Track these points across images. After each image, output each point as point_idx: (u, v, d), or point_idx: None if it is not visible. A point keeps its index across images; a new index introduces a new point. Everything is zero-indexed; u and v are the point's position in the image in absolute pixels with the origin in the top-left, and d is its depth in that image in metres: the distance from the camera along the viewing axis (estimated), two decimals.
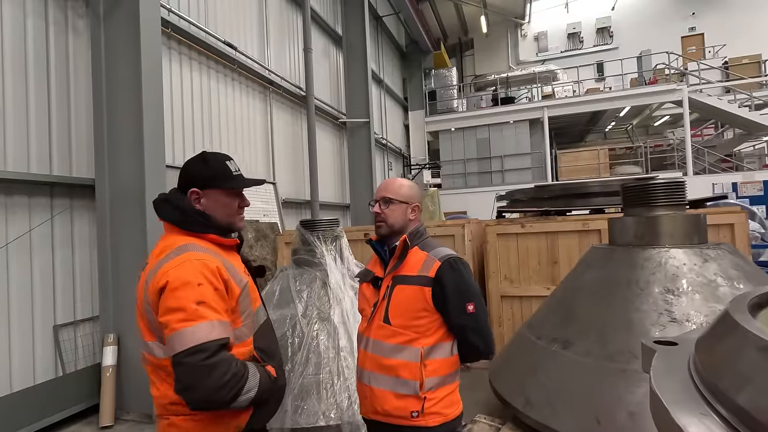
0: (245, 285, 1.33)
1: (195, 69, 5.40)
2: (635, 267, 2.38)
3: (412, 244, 1.57)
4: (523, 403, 2.38)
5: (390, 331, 1.51)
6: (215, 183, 1.34)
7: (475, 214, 10.90)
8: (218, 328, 1.17)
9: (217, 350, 1.15)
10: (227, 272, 1.27)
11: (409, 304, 1.50)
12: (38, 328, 3.50)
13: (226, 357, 1.17)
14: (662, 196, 2.48)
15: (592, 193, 4.42)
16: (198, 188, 1.34)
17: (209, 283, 1.21)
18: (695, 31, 16.95)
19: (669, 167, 13.53)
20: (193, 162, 1.38)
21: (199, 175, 1.35)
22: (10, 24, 3.42)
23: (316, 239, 3.01)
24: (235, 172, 1.39)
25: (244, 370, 1.20)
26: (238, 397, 1.17)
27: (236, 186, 1.38)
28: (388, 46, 13.82)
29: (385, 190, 1.61)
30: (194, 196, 1.34)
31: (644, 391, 2.02)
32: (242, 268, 1.40)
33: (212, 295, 1.20)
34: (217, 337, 1.16)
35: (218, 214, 1.35)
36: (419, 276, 1.50)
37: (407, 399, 1.46)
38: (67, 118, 3.81)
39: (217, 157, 1.40)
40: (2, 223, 3.30)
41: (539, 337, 2.65)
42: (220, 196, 1.35)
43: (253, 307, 1.36)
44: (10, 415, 3.14)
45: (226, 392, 1.13)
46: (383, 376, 1.50)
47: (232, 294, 1.26)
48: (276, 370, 1.35)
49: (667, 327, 2.08)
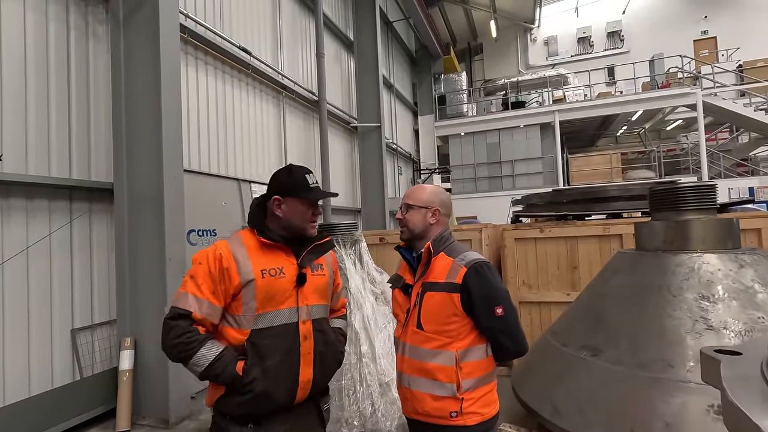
0: (250, 281, 1.42)
1: (211, 74, 5.43)
2: (666, 272, 2.31)
3: (437, 250, 1.61)
4: (551, 411, 2.32)
5: (424, 336, 1.56)
6: (294, 192, 1.51)
7: (485, 218, 10.82)
8: (189, 301, 1.39)
9: (176, 316, 1.39)
10: (233, 262, 1.43)
11: (440, 310, 1.53)
12: (56, 331, 3.51)
13: (182, 325, 1.38)
14: (692, 199, 2.42)
15: (612, 197, 4.36)
16: (280, 196, 1.52)
17: (207, 264, 1.43)
18: (708, 34, 16.78)
19: (683, 172, 13.35)
20: (280, 172, 1.58)
21: (282, 185, 1.53)
22: (33, 30, 3.46)
23: (335, 243, 2.99)
24: (312, 185, 1.54)
25: (196, 345, 1.37)
26: (187, 363, 1.38)
27: (312, 197, 1.53)
28: (398, 51, 13.85)
29: (406, 197, 1.71)
30: (276, 203, 1.52)
31: (680, 401, 1.95)
32: (278, 267, 1.48)
33: (203, 274, 1.42)
34: (182, 306, 1.39)
35: (294, 219, 1.52)
36: (447, 283, 1.54)
37: (445, 400, 1.50)
38: (86, 123, 3.84)
39: (300, 170, 1.57)
40: (23, 226, 3.32)
41: (565, 344, 2.59)
42: (297, 204, 1.52)
43: (259, 304, 1.43)
44: (28, 419, 3.14)
45: (173, 353, 1.38)
46: (421, 379, 1.55)
47: (230, 281, 1.42)
48: (256, 372, 1.39)
49: (704, 335, 2.01)
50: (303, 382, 1.47)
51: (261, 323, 1.43)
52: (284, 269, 1.48)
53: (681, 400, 1.93)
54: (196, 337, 1.38)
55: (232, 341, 1.43)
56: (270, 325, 1.44)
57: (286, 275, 1.48)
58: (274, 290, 1.45)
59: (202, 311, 1.40)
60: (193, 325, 1.39)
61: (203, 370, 1.37)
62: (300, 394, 1.47)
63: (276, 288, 1.45)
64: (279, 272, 1.47)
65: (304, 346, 1.48)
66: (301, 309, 1.49)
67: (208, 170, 5.20)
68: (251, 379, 1.38)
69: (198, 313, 1.39)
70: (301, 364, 1.46)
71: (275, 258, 1.50)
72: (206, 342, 1.39)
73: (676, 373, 2.00)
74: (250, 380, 1.38)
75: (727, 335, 1.96)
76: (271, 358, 1.41)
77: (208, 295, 1.41)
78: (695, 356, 1.99)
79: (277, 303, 1.45)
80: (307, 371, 1.47)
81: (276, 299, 1.45)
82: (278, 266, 1.48)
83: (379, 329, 2.68)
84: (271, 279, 1.45)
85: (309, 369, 1.48)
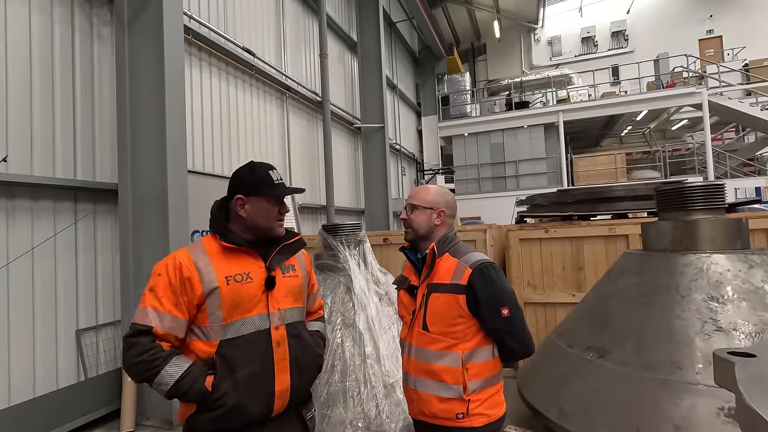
0: (214, 289, 1.35)
1: (214, 75, 5.44)
2: (674, 273, 2.29)
3: (442, 251, 1.60)
4: (557, 413, 2.30)
5: (429, 338, 1.55)
6: (258, 190, 1.44)
7: (489, 219, 10.78)
8: (149, 315, 1.31)
9: (136, 333, 1.30)
10: (195, 270, 1.35)
11: (445, 311, 1.52)
12: (61, 332, 3.52)
13: (142, 342, 1.29)
14: (700, 199, 2.39)
15: (617, 197, 4.33)
16: (243, 195, 1.44)
17: (166, 275, 1.34)
18: (713, 33, 16.67)
19: (688, 172, 13.26)
20: (241, 170, 1.49)
21: (244, 183, 1.46)
22: (38, 32, 3.48)
23: (339, 244, 2.97)
24: (276, 181, 1.47)
25: (160, 362, 1.28)
26: (151, 383, 1.29)
27: (277, 194, 1.46)
28: (402, 51, 13.85)
29: (411, 197, 1.69)
30: (239, 202, 1.45)
31: (689, 403, 1.92)
32: (244, 272, 1.41)
33: (163, 286, 1.33)
34: (141, 322, 1.31)
35: (260, 219, 1.45)
36: (452, 284, 1.53)
37: (452, 402, 1.49)
38: (91, 124, 3.85)
39: (262, 166, 1.49)
40: (28, 227, 3.33)
41: (571, 345, 2.56)
42: (262, 202, 1.44)
43: (225, 313, 1.35)
44: (33, 420, 3.15)
45: (135, 372, 1.30)
46: (427, 380, 1.54)
47: (192, 291, 1.34)
48: (226, 386, 1.31)
49: (713, 336, 1.98)
50: (280, 391, 1.39)
51: (229, 333, 1.36)
52: (251, 274, 1.41)
53: (690, 402, 1.91)
54: (160, 354, 1.29)
55: (200, 355, 1.36)
56: (238, 334, 1.37)
57: (253, 280, 1.40)
58: (241, 297, 1.37)
59: (164, 326, 1.31)
60: (155, 341, 1.30)
61: (169, 389, 1.28)
62: (278, 404, 1.40)
63: (243, 294, 1.38)
64: (245, 277, 1.40)
65: (278, 353, 1.40)
66: (273, 314, 1.42)
67: (212, 171, 5.21)
68: (222, 393, 1.31)
69: (160, 328, 1.31)
70: (277, 372, 1.39)
71: (241, 263, 1.42)
72: (171, 358, 1.31)
73: (684, 374, 1.97)
74: (221, 395, 1.31)
75: (737, 337, 1.93)
76: (242, 370, 1.34)
77: (170, 308, 1.32)
78: (704, 358, 1.96)
79: (245, 310, 1.38)
80: (283, 379, 1.40)
81: (243, 306, 1.38)
82: (244, 271, 1.40)
83: (383, 330, 2.66)
84: (237, 285, 1.37)
85: (285, 376, 1.40)
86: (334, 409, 2.35)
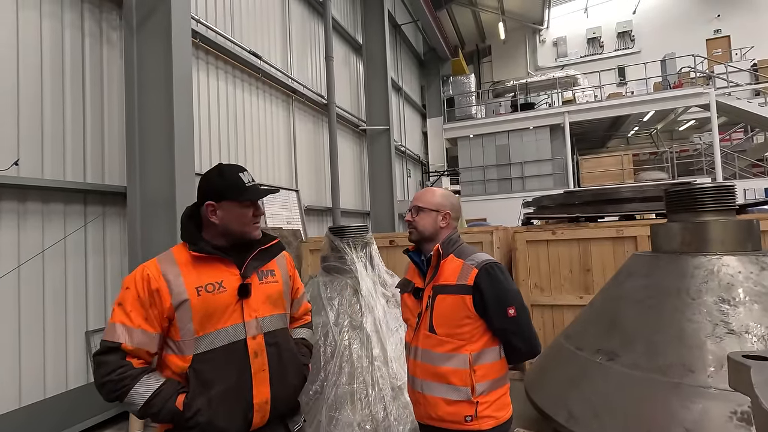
0: (184, 301, 1.29)
1: (221, 78, 5.48)
2: (684, 275, 2.26)
3: (447, 252, 1.60)
4: (566, 417, 2.28)
5: (436, 340, 1.54)
6: (228, 195, 1.37)
7: (495, 221, 10.74)
8: (117, 331, 1.26)
9: (105, 350, 1.26)
10: (163, 282, 1.29)
11: (452, 312, 1.52)
12: (71, 333, 3.55)
13: (110, 361, 1.24)
14: (710, 200, 2.37)
15: (625, 198, 4.29)
16: (213, 201, 1.38)
17: (135, 288, 1.30)
18: (721, 33, 16.54)
19: (696, 173, 13.14)
20: (210, 174, 1.43)
21: (214, 188, 1.39)
22: (49, 37, 3.53)
23: (346, 246, 2.98)
24: (248, 183, 1.40)
25: (129, 381, 1.23)
26: (122, 401, 1.25)
27: (248, 198, 1.40)
28: (407, 53, 13.87)
29: (417, 200, 1.69)
30: (210, 208, 1.38)
31: (701, 407, 1.90)
32: (216, 281, 1.34)
33: (131, 300, 1.29)
34: (110, 338, 1.26)
35: (233, 224, 1.39)
36: (458, 285, 1.52)
37: (459, 404, 1.48)
38: (100, 127, 3.89)
39: (231, 169, 1.42)
40: (39, 230, 3.37)
41: (580, 347, 2.54)
42: (234, 207, 1.38)
43: (197, 326, 1.30)
44: (42, 421, 3.17)
45: (104, 392, 1.25)
46: (435, 383, 1.53)
47: (162, 303, 1.29)
48: (199, 403, 1.26)
49: (725, 339, 1.96)
50: (258, 403, 1.32)
51: (202, 346, 1.29)
52: (224, 282, 1.34)
53: (702, 406, 1.88)
54: (129, 373, 1.24)
55: (175, 370, 1.30)
56: (212, 347, 1.30)
57: (227, 289, 1.34)
58: (213, 308, 1.31)
59: (133, 341, 1.25)
60: (126, 358, 1.25)
61: (140, 409, 1.23)
62: (257, 417, 1.33)
63: (215, 305, 1.31)
64: (218, 287, 1.33)
65: (255, 364, 1.33)
66: (249, 323, 1.35)
67: None
68: (194, 412, 1.25)
69: (129, 344, 1.25)
70: (255, 384, 1.32)
71: (212, 272, 1.35)
72: (141, 377, 1.25)
73: (696, 378, 1.95)
74: (193, 413, 1.25)
75: (749, 339, 1.91)
76: (217, 385, 1.28)
77: (140, 322, 1.26)
78: (716, 361, 1.94)
79: (218, 321, 1.32)
80: (262, 391, 1.33)
81: (216, 317, 1.32)
82: (216, 280, 1.34)
83: (390, 332, 2.66)
84: (208, 296, 1.31)
85: (265, 388, 1.34)
86: (342, 411, 2.35)
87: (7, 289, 3.14)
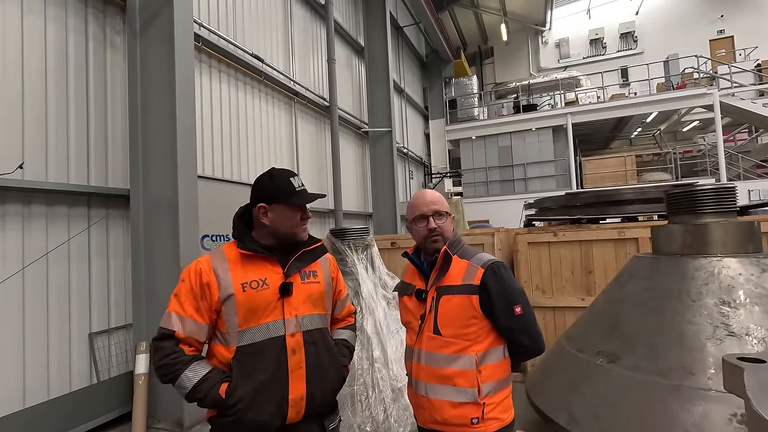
0: (230, 295, 1.37)
1: (224, 81, 5.51)
2: (685, 277, 2.26)
3: (453, 253, 1.59)
4: (567, 419, 2.28)
5: (442, 341, 1.52)
6: (279, 198, 1.46)
7: (497, 222, 10.73)
8: (172, 320, 1.36)
9: (161, 337, 1.37)
10: (213, 277, 1.39)
11: (458, 313, 1.51)
12: (74, 335, 3.57)
13: (166, 346, 1.35)
14: (711, 202, 2.37)
15: (627, 200, 4.29)
16: (265, 203, 1.46)
17: (189, 280, 1.40)
18: (724, 33, 16.49)
19: (700, 174, 13.09)
20: (262, 178, 1.51)
21: (265, 191, 1.48)
22: (53, 42, 3.56)
23: (347, 248, 2.99)
24: (297, 188, 1.48)
25: (181, 366, 1.33)
26: (174, 385, 1.34)
27: (298, 201, 1.47)
28: (409, 55, 13.89)
29: (435, 204, 1.62)
30: (261, 210, 1.47)
31: (701, 410, 1.90)
32: (261, 278, 1.42)
33: (185, 292, 1.39)
34: (166, 326, 1.37)
35: (282, 226, 1.47)
36: (465, 285, 1.51)
37: (465, 406, 1.47)
38: (104, 130, 3.92)
39: (282, 173, 1.51)
40: (43, 232, 3.40)
41: (581, 350, 2.54)
42: (284, 210, 1.46)
43: (241, 320, 1.38)
44: (47, 422, 3.19)
45: (160, 374, 1.35)
46: (440, 386, 1.51)
47: (211, 296, 1.38)
48: (240, 393, 1.33)
49: (725, 341, 1.96)
50: (294, 399, 1.37)
51: (245, 339, 1.38)
52: (268, 280, 1.42)
53: (702, 408, 1.88)
54: (181, 358, 1.34)
55: (221, 359, 1.39)
56: (253, 341, 1.38)
57: (270, 286, 1.41)
58: (256, 303, 1.38)
59: (185, 330, 1.36)
60: (179, 345, 1.35)
61: (188, 393, 1.32)
62: (292, 413, 1.37)
63: (258, 301, 1.39)
64: (262, 284, 1.40)
65: (292, 361, 1.39)
66: (288, 321, 1.41)
67: (222, 176, 5.27)
68: (235, 400, 1.32)
69: (182, 332, 1.35)
70: (291, 380, 1.38)
71: (258, 269, 1.43)
72: (191, 363, 1.34)
73: (696, 380, 1.94)
74: (235, 402, 1.32)
75: (749, 342, 1.91)
76: (256, 377, 1.35)
77: (192, 313, 1.37)
78: (716, 363, 1.94)
79: (260, 317, 1.39)
80: (298, 387, 1.38)
81: (259, 313, 1.39)
82: (261, 278, 1.41)
83: (391, 334, 2.67)
84: (252, 292, 1.39)
85: (301, 385, 1.39)
86: (342, 413, 2.36)
87: (12, 291, 3.17)
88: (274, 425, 1.36)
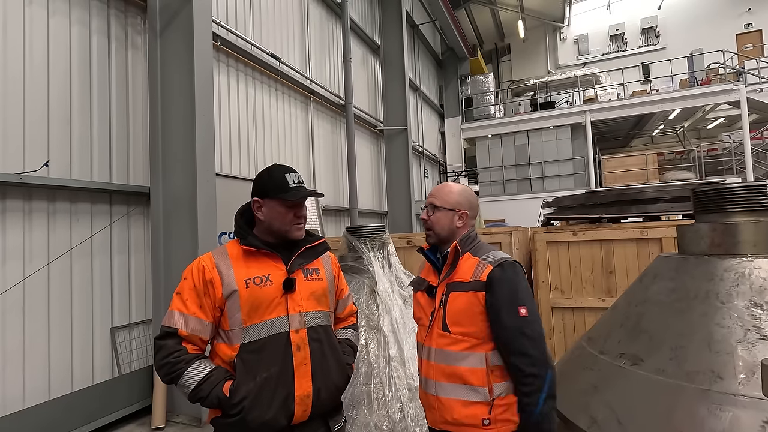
0: (233, 292, 1.36)
1: (241, 80, 5.57)
2: (713, 278, 2.17)
3: (464, 250, 1.55)
4: (588, 423, 2.22)
5: (451, 339, 1.48)
6: (272, 193, 1.44)
7: (514, 221, 10.60)
8: (175, 318, 1.34)
9: (163, 335, 1.34)
10: (216, 273, 1.38)
11: (466, 310, 1.47)
12: (97, 329, 3.66)
13: (168, 345, 1.33)
14: (741, 200, 2.27)
15: (650, 199, 4.17)
16: (259, 198, 1.45)
17: (191, 278, 1.39)
18: (752, 27, 15.93)
19: (725, 172, 12.68)
20: (261, 173, 1.50)
21: (261, 186, 1.47)
22: (77, 43, 3.65)
23: (363, 246, 2.98)
24: (292, 185, 1.45)
25: (183, 365, 1.31)
26: (176, 384, 1.32)
27: (290, 198, 1.43)
28: (424, 53, 13.82)
29: (433, 196, 1.61)
30: (256, 205, 1.46)
31: (731, 415, 1.83)
32: (264, 274, 1.41)
33: (188, 289, 1.37)
34: (168, 324, 1.35)
35: (275, 222, 1.45)
36: (472, 281, 1.47)
37: (476, 406, 1.43)
38: (125, 129, 4.00)
39: (280, 169, 1.48)
40: (67, 228, 3.48)
41: (602, 351, 2.47)
42: (276, 205, 1.44)
43: (245, 316, 1.36)
44: (71, 414, 3.28)
45: (162, 373, 1.33)
46: (450, 384, 1.46)
47: (214, 293, 1.37)
48: (244, 391, 1.30)
49: (757, 345, 1.87)
50: (300, 396, 1.35)
51: (249, 336, 1.35)
52: (271, 276, 1.40)
53: (732, 414, 1.80)
54: (183, 357, 1.31)
55: (224, 358, 1.37)
56: (258, 337, 1.35)
57: (273, 282, 1.39)
58: (259, 300, 1.37)
59: (188, 328, 1.34)
60: (182, 344, 1.33)
61: (190, 392, 1.30)
62: (299, 411, 1.35)
63: (262, 297, 1.37)
64: (265, 280, 1.39)
65: (297, 357, 1.37)
66: (293, 317, 1.40)
67: (239, 174, 5.33)
68: (239, 399, 1.29)
69: (184, 330, 1.33)
70: (297, 376, 1.35)
71: (261, 266, 1.42)
72: (194, 362, 1.32)
73: (725, 385, 1.87)
74: (239, 401, 1.29)
75: None
76: (260, 374, 1.33)
77: (195, 310, 1.35)
78: (746, 368, 1.86)
79: (263, 313, 1.37)
80: (304, 384, 1.36)
81: (262, 309, 1.37)
82: (264, 274, 1.40)
83: (407, 332, 2.65)
84: (255, 288, 1.37)
85: (307, 381, 1.37)
86: (359, 411, 2.35)
87: (38, 286, 3.26)
88: (280, 424, 1.33)
